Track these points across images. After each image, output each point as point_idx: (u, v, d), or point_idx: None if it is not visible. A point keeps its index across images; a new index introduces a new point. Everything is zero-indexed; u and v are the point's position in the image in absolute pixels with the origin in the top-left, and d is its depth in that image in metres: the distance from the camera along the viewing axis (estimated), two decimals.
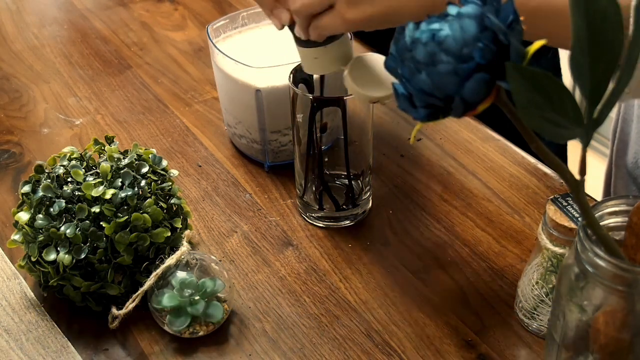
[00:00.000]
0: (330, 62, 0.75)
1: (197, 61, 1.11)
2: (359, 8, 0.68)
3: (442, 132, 0.97)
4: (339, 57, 0.75)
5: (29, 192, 0.74)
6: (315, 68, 0.77)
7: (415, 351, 0.71)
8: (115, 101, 1.04)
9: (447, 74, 0.45)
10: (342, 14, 0.69)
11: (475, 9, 0.46)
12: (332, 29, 0.72)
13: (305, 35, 0.73)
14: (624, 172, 0.94)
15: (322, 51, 0.74)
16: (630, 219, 0.53)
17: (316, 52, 0.74)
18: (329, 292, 0.77)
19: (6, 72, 1.11)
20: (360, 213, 0.85)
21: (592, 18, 0.44)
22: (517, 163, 0.92)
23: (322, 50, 0.74)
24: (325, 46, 0.74)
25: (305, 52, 0.75)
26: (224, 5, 1.24)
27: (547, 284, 0.69)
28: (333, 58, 0.75)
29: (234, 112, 0.91)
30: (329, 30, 0.72)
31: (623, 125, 0.95)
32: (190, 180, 0.91)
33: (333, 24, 0.70)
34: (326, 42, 0.73)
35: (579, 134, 0.47)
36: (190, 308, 0.71)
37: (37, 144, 0.97)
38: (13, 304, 0.76)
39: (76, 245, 0.71)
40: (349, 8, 0.69)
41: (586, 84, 0.45)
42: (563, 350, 0.57)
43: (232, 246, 0.82)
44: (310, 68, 0.77)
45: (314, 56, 0.75)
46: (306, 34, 0.73)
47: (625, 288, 0.51)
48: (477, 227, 0.83)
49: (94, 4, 1.26)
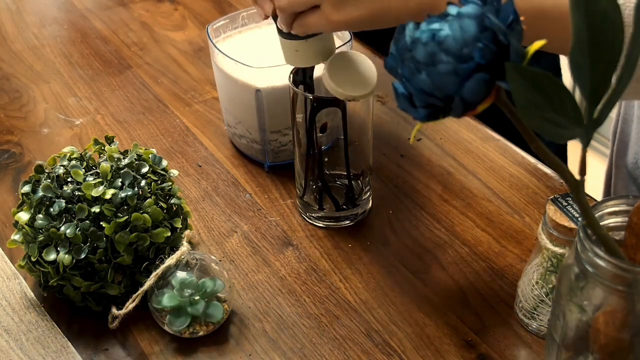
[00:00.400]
0: (311, 56, 0.76)
1: (197, 61, 1.11)
2: (344, 10, 0.69)
3: (442, 132, 0.97)
4: (320, 51, 0.76)
5: (29, 192, 0.74)
6: (295, 60, 0.77)
7: (415, 351, 0.71)
8: (115, 101, 1.04)
9: (447, 74, 0.45)
10: (328, 15, 0.70)
11: (475, 9, 0.46)
12: (316, 28, 0.72)
13: (288, 29, 0.74)
14: (624, 173, 0.94)
15: (304, 45, 0.75)
16: (630, 219, 0.53)
17: (297, 45, 0.75)
18: (329, 292, 0.77)
19: (6, 72, 1.11)
20: (360, 213, 0.85)
21: (592, 18, 0.44)
22: (517, 163, 0.92)
23: (304, 44, 0.75)
24: (307, 40, 0.74)
25: (287, 43, 0.76)
26: (224, 5, 1.24)
27: (547, 284, 0.69)
28: (314, 52, 0.76)
29: (234, 112, 0.91)
30: (314, 29, 0.73)
31: (623, 126, 0.95)
32: (190, 180, 0.91)
33: (318, 23, 0.71)
34: (308, 35, 0.74)
35: (579, 134, 0.47)
36: (190, 308, 0.71)
37: (37, 144, 0.97)
38: (13, 304, 0.76)
39: (76, 245, 0.71)
40: (334, 10, 0.69)
41: (586, 84, 0.45)
42: (563, 350, 0.57)
43: (232, 246, 0.82)
44: (290, 60, 0.78)
45: (295, 48, 0.76)
46: (288, 29, 0.73)
47: (625, 288, 0.51)
48: (477, 227, 0.83)
49: (94, 4, 1.26)
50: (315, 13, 0.71)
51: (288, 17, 0.72)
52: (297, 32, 0.73)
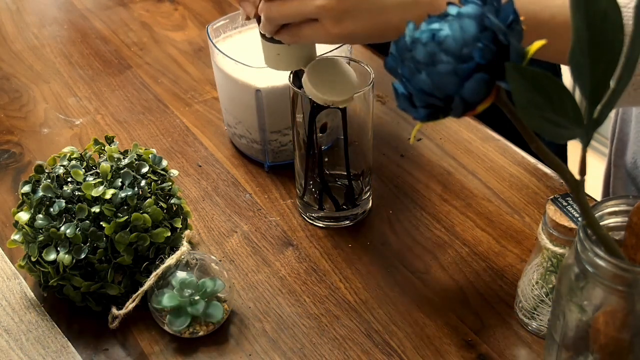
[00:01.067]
0: (292, 61, 0.76)
1: (197, 61, 1.11)
2: (344, 24, 0.69)
3: (442, 132, 0.97)
4: (302, 56, 0.76)
5: (29, 192, 0.74)
6: (276, 64, 0.77)
7: (415, 351, 0.71)
8: (115, 101, 1.04)
9: (447, 74, 0.45)
10: (328, 29, 0.69)
11: (475, 9, 0.46)
12: (313, 40, 0.72)
13: (271, 34, 0.73)
14: (622, 172, 0.94)
15: (286, 49, 0.75)
16: (630, 219, 0.53)
17: (279, 49, 0.75)
18: (329, 292, 0.77)
19: (6, 72, 1.11)
20: (360, 213, 0.85)
21: (592, 18, 0.44)
22: (517, 163, 0.92)
23: (286, 48, 0.75)
24: (290, 45, 0.74)
25: (269, 47, 0.76)
26: (224, 5, 1.24)
27: (547, 284, 0.69)
28: (295, 57, 0.76)
29: (234, 112, 0.91)
30: (308, 41, 0.72)
31: (622, 126, 0.95)
32: (190, 180, 0.91)
33: (316, 36, 0.71)
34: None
35: (579, 134, 0.47)
36: (190, 308, 0.71)
37: (37, 144, 0.97)
38: (13, 304, 0.76)
39: (76, 245, 0.71)
40: (335, 23, 0.69)
41: (586, 84, 0.45)
42: (563, 350, 0.58)
43: (232, 246, 0.82)
44: (271, 63, 0.77)
45: (276, 52, 0.75)
46: (272, 34, 0.73)
47: (625, 288, 0.51)
48: (477, 227, 0.83)
49: (94, 4, 1.26)
50: (311, 25, 0.70)
51: (275, 27, 0.72)
52: (286, 40, 0.73)
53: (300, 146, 0.82)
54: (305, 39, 0.72)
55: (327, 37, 0.70)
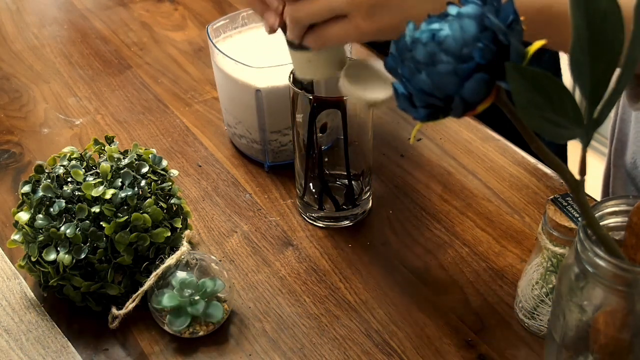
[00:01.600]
0: (325, 67, 0.72)
1: (197, 61, 1.11)
2: (376, 17, 0.65)
3: (442, 132, 0.97)
4: (334, 60, 0.72)
5: (29, 192, 0.74)
6: (308, 72, 0.74)
7: (415, 351, 0.71)
8: (115, 101, 1.04)
9: (447, 74, 0.45)
10: (358, 24, 0.66)
11: (475, 9, 0.46)
12: (342, 39, 0.68)
13: (299, 39, 0.70)
14: (622, 172, 0.94)
15: (316, 55, 0.71)
16: (630, 219, 0.53)
17: (310, 56, 0.71)
18: (329, 292, 0.77)
19: (6, 72, 1.11)
20: (360, 213, 0.85)
21: (592, 18, 0.43)
22: (517, 163, 0.92)
23: (317, 54, 0.71)
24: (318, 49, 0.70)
25: (299, 56, 0.72)
26: (224, 5, 1.24)
27: (547, 284, 0.69)
28: (327, 61, 0.72)
29: (234, 112, 0.91)
30: (338, 41, 0.69)
31: (621, 126, 0.95)
32: (190, 180, 0.91)
33: (344, 33, 0.67)
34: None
35: (579, 134, 0.47)
36: (190, 308, 0.71)
37: (37, 144, 0.97)
38: (13, 304, 0.76)
39: (76, 245, 0.71)
40: (366, 17, 0.65)
41: (586, 84, 0.45)
42: (563, 350, 0.57)
43: (232, 246, 0.82)
44: (303, 72, 0.74)
45: (307, 60, 0.71)
46: (299, 39, 0.69)
47: (625, 288, 0.51)
48: (477, 227, 0.83)
49: (94, 4, 1.26)
50: (338, 23, 0.67)
51: (302, 29, 0.68)
52: (314, 45, 0.69)
53: (300, 146, 0.82)
54: (333, 39, 0.68)
55: (356, 34, 0.67)
